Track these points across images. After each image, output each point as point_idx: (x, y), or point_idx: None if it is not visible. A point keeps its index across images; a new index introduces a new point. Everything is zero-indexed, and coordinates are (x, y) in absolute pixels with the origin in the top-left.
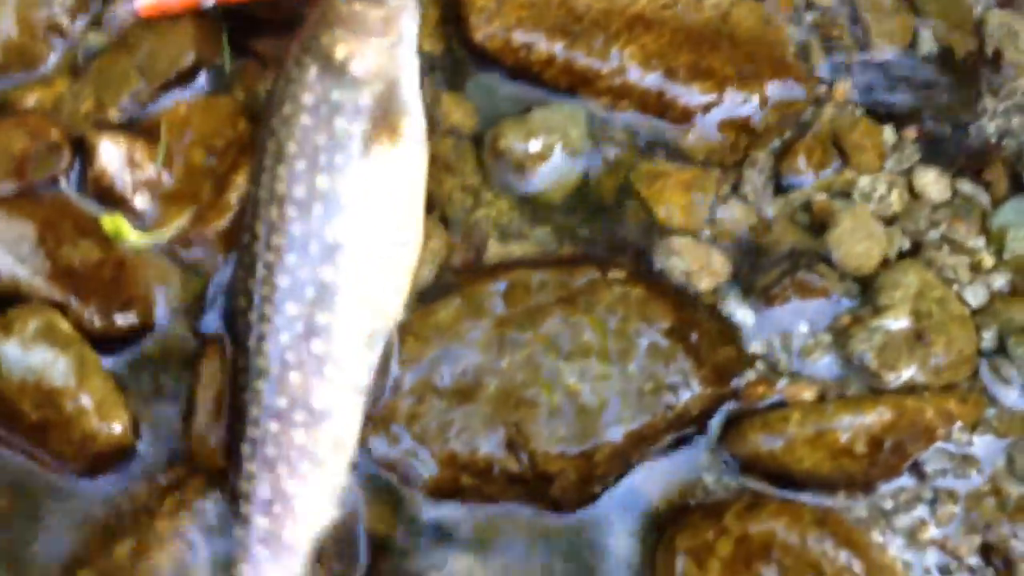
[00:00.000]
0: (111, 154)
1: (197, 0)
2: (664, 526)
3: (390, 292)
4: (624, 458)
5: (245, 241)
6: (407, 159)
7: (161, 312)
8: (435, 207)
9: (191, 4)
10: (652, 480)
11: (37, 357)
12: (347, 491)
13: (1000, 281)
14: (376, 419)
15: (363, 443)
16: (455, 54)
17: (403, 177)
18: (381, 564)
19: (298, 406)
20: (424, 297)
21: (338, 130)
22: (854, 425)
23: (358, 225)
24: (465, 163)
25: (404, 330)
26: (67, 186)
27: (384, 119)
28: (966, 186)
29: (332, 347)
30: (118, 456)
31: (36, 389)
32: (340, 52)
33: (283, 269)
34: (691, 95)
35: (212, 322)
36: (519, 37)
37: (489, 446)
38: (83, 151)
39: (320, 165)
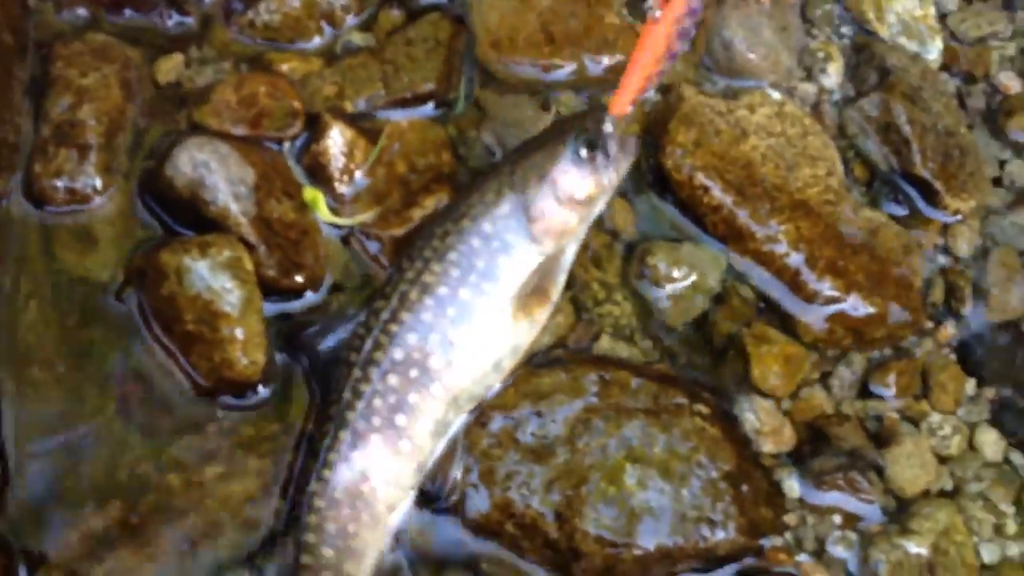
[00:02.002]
0: (337, 139)
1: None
2: None
3: (472, 398)
4: (645, 567)
5: (376, 306)
6: (539, 316)
7: (322, 285)
8: (571, 288)
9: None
10: None
11: (218, 282)
12: (391, 550)
13: (1015, 550)
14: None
15: None
16: (639, 169)
17: (529, 325)
18: None
19: (369, 465)
20: (535, 359)
21: (499, 266)
22: None
23: (478, 338)
24: (610, 262)
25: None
26: (288, 150)
27: (540, 280)
28: (1018, 458)
29: (411, 424)
30: (241, 390)
31: (204, 307)
32: (538, 207)
33: (400, 344)
34: (822, 285)
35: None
36: (701, 179)
37: (540, 506)
38: (314, 126)
39: (470, 281)
